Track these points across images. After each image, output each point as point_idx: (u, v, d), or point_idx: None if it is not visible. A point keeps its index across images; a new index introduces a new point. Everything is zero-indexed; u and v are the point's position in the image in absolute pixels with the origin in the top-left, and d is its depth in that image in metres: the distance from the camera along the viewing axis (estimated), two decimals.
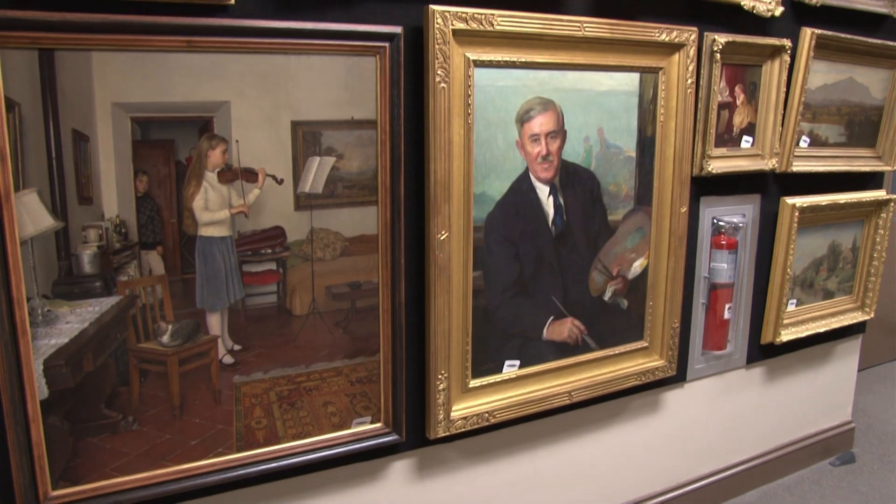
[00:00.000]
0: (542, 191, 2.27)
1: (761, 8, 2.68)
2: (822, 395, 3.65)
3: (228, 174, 1.85)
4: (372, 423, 2.16)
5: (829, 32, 2.92)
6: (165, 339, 1.85)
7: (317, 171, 1.95)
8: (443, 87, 1.99)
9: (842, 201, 3.18)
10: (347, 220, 2.01)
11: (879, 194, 3.36)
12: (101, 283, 1.75)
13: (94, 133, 1.67)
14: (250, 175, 1.87)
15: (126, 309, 1.79)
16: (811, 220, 3.13)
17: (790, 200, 3.01)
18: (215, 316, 1.90)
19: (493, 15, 2.03)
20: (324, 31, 1.87)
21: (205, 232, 1.85)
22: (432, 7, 1.95)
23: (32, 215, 1.64)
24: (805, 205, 3.03)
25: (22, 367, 1.66)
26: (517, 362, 2.36)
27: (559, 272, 2.36)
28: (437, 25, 1.95)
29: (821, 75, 3.02)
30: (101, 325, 1.75)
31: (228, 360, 1.93)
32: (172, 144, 1.78)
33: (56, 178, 1.64)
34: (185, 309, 1.86)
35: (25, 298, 1.64)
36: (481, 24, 2.01)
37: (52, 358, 1.69)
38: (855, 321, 3.49)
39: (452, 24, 1.97)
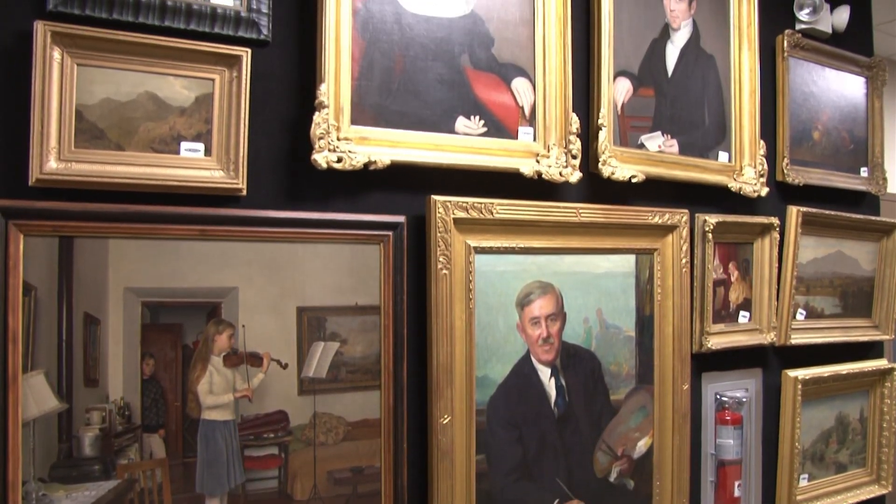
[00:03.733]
0: (544, 373, 2.29)
1: (748, 189, 2.82)
2: None
3: (234, 358, 1.88)
4: None
5: (815, 210, 3.05)
6: None
7: (321, 356, 1.98)
8: (444, 274, 2.06)
9: (844, 372, 3.19)
10: (350, 405, 2.01)
11: (881, 363, 3.37)
12: (101, 466, 1.73)
13: (106, 316, 1.72)
14: (255, 360, 1.90)
15: (124, 493, 1.75)
16: (815, 391, 3.12)
17: (792, 373, 3.02)
18: (215, 501, 1.86)
19: (492, 204, 2.14)
20: (330, 220, 1.97)
21: (208, 415, 1.85)
22: (434, 197, 2.06)
23: (37, 397, 1.65)
24: (808, 377, 3.03)
25: None
26: None
27: (563, 454, 2.34)
28: (439, 214, 2.06)
29: (810, 250, 3.12)
30: None
31: None
32: (181, 328, 1.82)
33: (64, 360, 1.67)
34: (185, 493, 1.82)
35: (21, 482, 1.61)
36: (481, 212, 2.12)
37: None
38: (872, 495, 3.38)
39: (454, 213, 2.07)
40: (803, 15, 3.16)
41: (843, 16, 3.29)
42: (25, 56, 1.66)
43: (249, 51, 1.87)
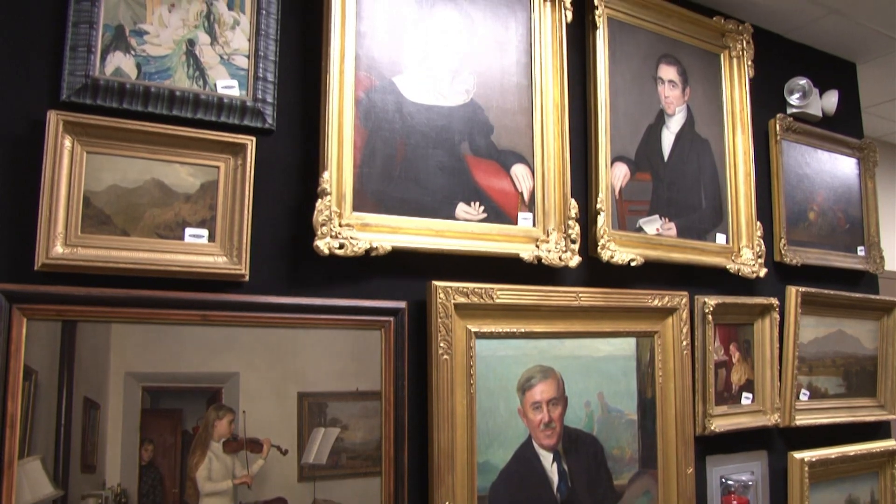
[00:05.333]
0: (546, 458, 2.26)
1: (746, 270, 2.84)
2: None
3: (234, 444, 1.86)
4: None
5: (814, 289, 3.07)
6: None
7: (321, 442, 1.96)
8: (445, 359, 2.06)
9: (852, 453, 3.14)
10: (351, 492, 1.98)
11: (890, 444, 3.32)
12: None
13: (106, 401, 1.71)
14: (255, 446, 1.88)
15: None
16: (823, 473, 3.07)
17: (798, 455, 2.97)
18: None
19: (493, 289, 2.16)
20: (331, 306, 1.98)
21: (206, 503, 1.82)
22: (435, 283, 2.08)
23: (32, 483, 1.63)
24: (815, 459, 2.99)
25: None
26: None
27: None
28: (440, 300, 2.07)
29: (811, 329, 3.12)
30: None
31: None
32: (181, 414, 1.81)
33: (62, 445, 1.65)
34: None
35: None
36: (482, 297, 2.13)
37: None
38: None
39: (454, 299, 2.09)
40: (794, 99, 3.25)
41: (832, 100, 3.38)
42: (37, 143, 1.71)
43: (254, 139, 1.92)
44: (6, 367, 1.60)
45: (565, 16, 2.47)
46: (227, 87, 1.95)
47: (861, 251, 3.45)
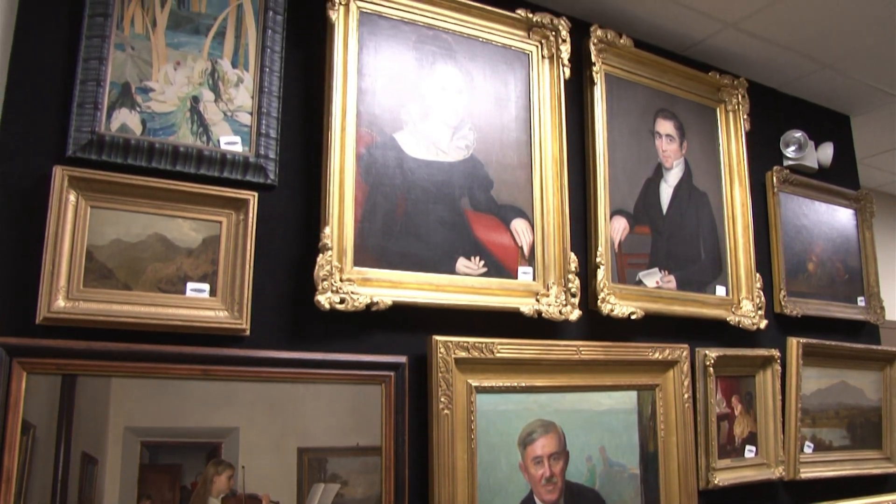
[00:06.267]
0: None
1: (746, 322, 2.84)
2: None
3: (232, 501, 1.84)
4: None
5: (815, 341, 3.07)
6: None
7: (321, 499, 1.94)
8: (446, 414, 2.05)
9: None
10: None
11: None
12: None
13: (104, 456, 1.70)
14: (254, 502, 1.86)
15: None
16: None
17: None
18: None
19: (493, 343, 2.16)
20: (332, 361, 1.98)
21: None
22: (436, 337, 2.09)
23: None
24: None
25: None
26: None
27: None
28: (441, 354, 2.07)
29: (813, 381, 3.10)
30: None
31: None
32: (180, 469, 1.79)
33: (59, 500, 1.63)
34: None
35: None
36: (482, 352, 2.13)
37: None
38: None
39: (455, 353, 2.09)
40: (790, 152, 3.29)
41: (827, 152, 3.42)
42: (42, 198, 1.73)
43: (256, 194, 1.94)
44: (4, 422, 1.60)
45: (563, 72, 2.52)
46: (231, 143, 1.98)
47: (861, 301, 3.45)
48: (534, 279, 2.34)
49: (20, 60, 1.80)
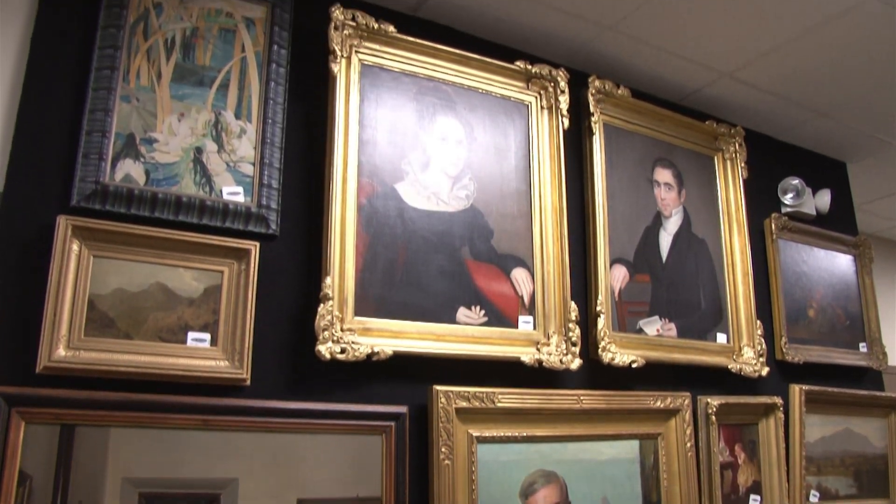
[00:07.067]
0: None
1: (748, 370, 2.83)
2: None
3: None
4: None
5: (817, 388, 3.05)
6: None
7: None
8: (447, 464, 2.04)
9: None
10: None
11: None
12: None
13: None
14: None
15: None
16: None
17: None
18: None
19: (494, 393, 2.15)
20: (332, 411, 1.97)
21: None
22: (436, 387, 2.08)
23: None
24: None
25: None
26: None
27: None
28: (441, 404, 2.06)
29: (817, 428, 3.08)
30: None
31: None
32: None
33: None
34: None
35: None
36: (483, 402, 2.13)
37: None
38: None
39: (456, 403, 2.08)
40: (787, 199, 3.32)
41: (824, 198, 3.45)
42: (45, 247, 1.73)
43: (258, 244, 1.95)
44: (1, 472, 1.58)
45: (562, 122, 2.55)
46: (233, 193, 2.00)
47: (863, 347, 3.44)
48: (534, 328, 2.34)
49: (28, 112, 1.82)
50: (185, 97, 2.01)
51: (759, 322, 2.94)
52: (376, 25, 2.25)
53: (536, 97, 2.57)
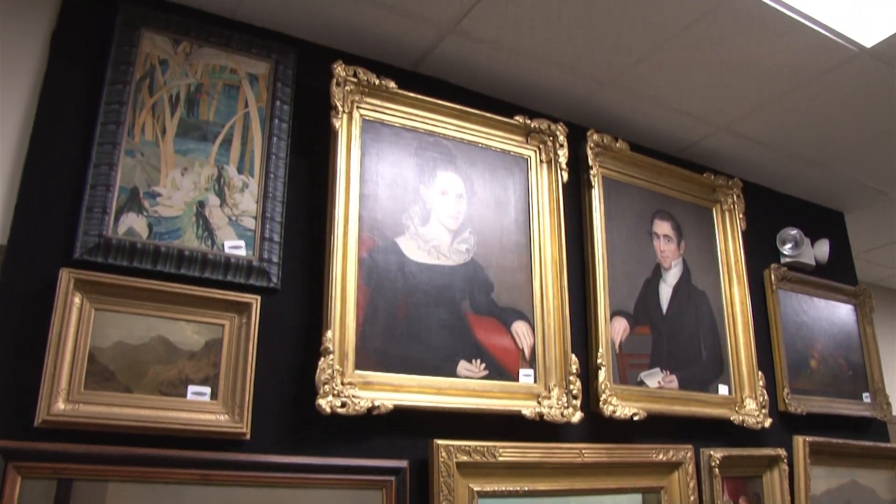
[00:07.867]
0: None
1: (751, 421, 2.81)
2: None
3: None
4: None
5: (821, 439, 3.02)
6: None
7: None
8: None
9: None
10: None
11: None
12: None
13: None
14: None
15: None
16: None
17: None
18: None
19: (495, 447, 2.14)
20: (332, 466, 1.95)
21: None
22: (437, 441, 2.06)
23: None
24: None
25: None
26: None
27: None
28: (442, 459, 2.04)
29: (822, 480, 3.04)
30: None
31: None
32: None
33: None
34: None
35: None
36: (484, 456, 2.11)
37: None
38: None
39: (456, 458, 2.06)
40: (786, 249, 3.34)
41: (823, 248, 3.46)
42: (47, 299, 1.74)
43: (259, 298, 1.96)
44: None
45: (561, 176, 2.58)
46: (235, 247, 2.02)
47: (866, 398, 3.42)
48: (535, 381, 2.33)
49: (34, 165, 1.85)
50: (188, 152, 2.04)
51: (760, 373, 2.92)
52: (377, 81, 2.30)
53: (536, 151, 2.60)
